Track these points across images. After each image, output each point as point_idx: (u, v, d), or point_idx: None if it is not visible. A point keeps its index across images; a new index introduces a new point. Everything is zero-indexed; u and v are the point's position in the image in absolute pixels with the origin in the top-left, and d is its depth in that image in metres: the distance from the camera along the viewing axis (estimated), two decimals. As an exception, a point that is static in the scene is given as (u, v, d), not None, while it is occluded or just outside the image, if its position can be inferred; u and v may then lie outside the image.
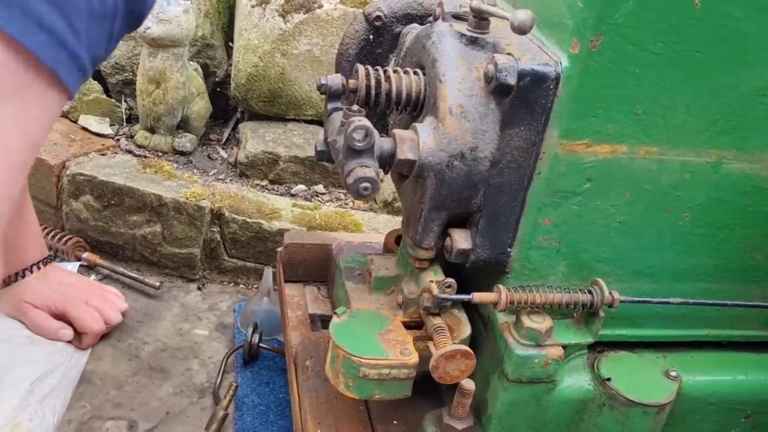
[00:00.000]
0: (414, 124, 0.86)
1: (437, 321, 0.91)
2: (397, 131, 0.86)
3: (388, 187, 1.75)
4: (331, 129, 0.89)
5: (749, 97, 0.87)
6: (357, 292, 1.00)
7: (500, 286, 0.90)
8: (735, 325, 1.04)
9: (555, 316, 0.93)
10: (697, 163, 0.90)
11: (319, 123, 1.98)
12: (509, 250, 0.91)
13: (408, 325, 0.96)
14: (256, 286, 1.67)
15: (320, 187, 1.86)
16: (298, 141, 1.87)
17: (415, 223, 0.91)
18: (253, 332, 1.44)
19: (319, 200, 1.82)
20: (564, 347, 0.92)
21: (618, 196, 0.90)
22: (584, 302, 0.91)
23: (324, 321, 1.38)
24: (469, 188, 0.86)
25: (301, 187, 1.84)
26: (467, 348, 0.87)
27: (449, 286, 0.90)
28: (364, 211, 1.76)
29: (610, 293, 0.91)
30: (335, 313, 0.95)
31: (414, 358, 0.89)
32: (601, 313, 0.92)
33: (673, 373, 0.97)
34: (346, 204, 1.82)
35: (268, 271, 1.52)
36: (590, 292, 0.91)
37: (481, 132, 0.84)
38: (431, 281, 0.92)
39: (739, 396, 1.01)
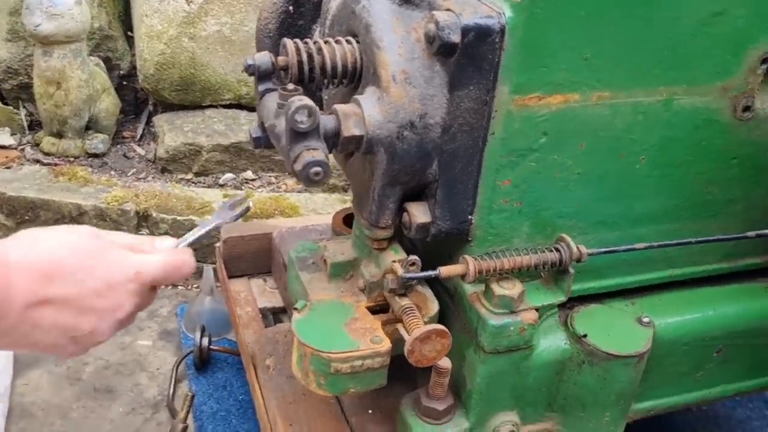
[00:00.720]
0: (355, 96, 0.80)
1: (405, 302, 0.86)
2: (339, 106, 0.79)
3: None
4: (267, 112, 0.82)
5: (692, 27, 0.84)
6: (314, 282, 0.94)
7: (466, 256, 0.85)
8: (696, 261, 1.03)
9: (523, 278, 0.89)
10: (649, 103, 0.87)
11: (239, 107, 1.88)
12: (470, 217, 0.87)
13: (373, 310, 0.90)
14: (196, 285, 1.59)
15: (249, 174, 1.77)
16: (219, 128, 1.77)
17: (369, 203, 0.85)
18: (202, 335, 1.37)
19: (250, 187, 1.74)
20: (537, 309, 0.89)
21: (574, 147, 0.86)
22: (553, 261, 0.87)
23: (276, 314, 1.32)
24: (423, 158, 0.81)
25: (229, 175, 1.75)
26: (441, 327, 0.82)
27: (413, 264, 0.85)
28: (299, 192, 1.69)
29: (578, 248, 0.88)
30: (295, 308, 0.88)
31: (386, 344, 0.84)
32: (571, 270, 0.89)
33: (646, 319, 0.96)
34: (279, 188, 1.74)
35: (209, 269, 1.45)
36: (557, 249, 0.88)
37: (429, 97, 0.78)
38: (394, 261, 0.86)
39: (711, 331, 1.01)
